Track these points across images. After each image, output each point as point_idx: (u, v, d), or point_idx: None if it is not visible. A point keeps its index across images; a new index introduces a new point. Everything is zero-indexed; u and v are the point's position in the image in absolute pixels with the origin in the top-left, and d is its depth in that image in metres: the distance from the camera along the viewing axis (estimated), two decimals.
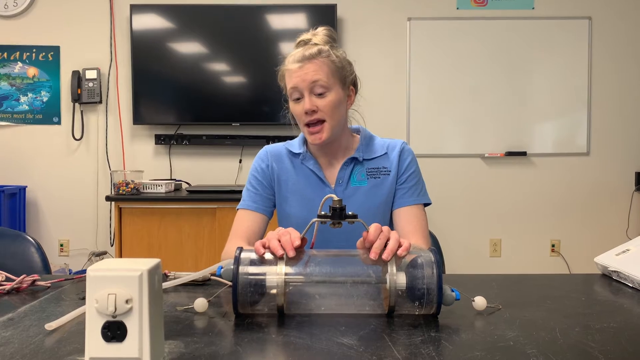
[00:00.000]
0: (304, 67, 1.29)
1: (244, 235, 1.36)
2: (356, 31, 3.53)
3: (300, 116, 1.32)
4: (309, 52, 1.29)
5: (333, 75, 1.30)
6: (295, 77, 1.29)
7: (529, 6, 3.54)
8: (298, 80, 1.29)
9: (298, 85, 1.29)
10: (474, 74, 3.54)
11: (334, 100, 1.30)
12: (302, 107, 1.30)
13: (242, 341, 0.80)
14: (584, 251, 3.55)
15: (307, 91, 1.29)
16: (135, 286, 0.63)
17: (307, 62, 1.29)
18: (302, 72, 1.28)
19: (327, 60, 1.30)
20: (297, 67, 1.29)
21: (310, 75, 1.28)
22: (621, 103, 3.57)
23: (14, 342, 0.78)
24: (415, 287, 0.89)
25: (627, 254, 1.22)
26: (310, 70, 1.28)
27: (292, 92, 1.31)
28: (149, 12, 3.42)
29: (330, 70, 1.30)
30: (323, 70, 1.29)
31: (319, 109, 1.29)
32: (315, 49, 1.30)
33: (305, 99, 1.29)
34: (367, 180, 1.38)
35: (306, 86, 1.28)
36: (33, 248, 1.54)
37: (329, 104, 1.30)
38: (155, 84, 3.45)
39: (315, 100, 1.29)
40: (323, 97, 1.29)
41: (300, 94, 1.30)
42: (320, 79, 1.28)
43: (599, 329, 0.85)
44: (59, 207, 3.57)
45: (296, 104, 1.32)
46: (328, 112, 1.30)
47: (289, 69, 1.31)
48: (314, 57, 1.29)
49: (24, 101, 3.54)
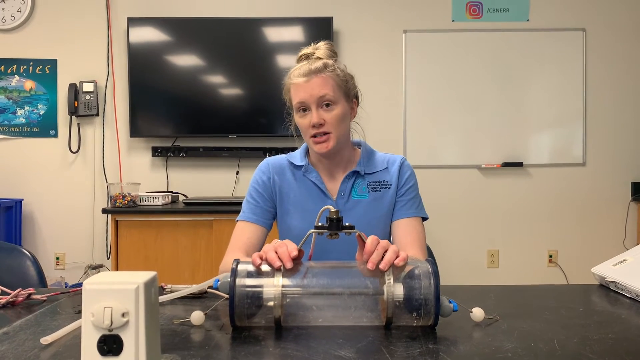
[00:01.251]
0: (310, 82, 1.30)
1: (243, 248, 1.36)
2: (352, 44, 3.56)
3: (307, 129, 1.32)
4: (315, 66, 1.31)
5: (339, 88, 1.32)
6: (302, 92, 1.30)
7: (523, 18, 3.57)
8: (305, 95, 1.30)
9: (305, 100, 1.30)
10: (470, 86, 3.56)
11: (339, 113, 1.32)
12: (309, 121, 1.31)
13: (239, 354, 0.79)
14: (581, 261, 3.55)
15: (315, 105, 1.30)
16: (131, 299, 0.63)
17: (313, 76, 1.30)
18: (309, 86, 1.29)
19: (333, 74, 1.32)
20: (303, 81, 1.30)
21: (317, 90, 1.29)
22: (616, 113, 3.60)
23: (9, 357, 0.78)
24: (412, 298, 0.89)
25: (624, 264, 1.22)
26: (317, 84, 1.29)
27: (298, 106, 1.32)
28: (146, 25, 3.43)
29: (336, 84, 1.32)
30: (329, 84, 1.30)
31: (325, 122, 1.30)
32: (320, 63, 1.32)
33: (312, 112, 1.30)
34: (368, 194, 1.39)
35: (314, 101, 1.30)
36: (29, 261, 1.53)
37: (335, 117, 1.31)
38: (152, 97, 3.45)
39: (322, 114, 1.30)
40: (330, 111, 1.31)
41: (307, 107, 1.31)
42: (327, 93, 1.30)
43: (597, 339, 0.85)
44: (55, 220, 3.56)
45: (302, 117, 1.33)
46: (334, 125, 1.31)
47: (295, 83, 1.32)
48: (320, 72, 1.30)
49: (20, 114, 3.54)
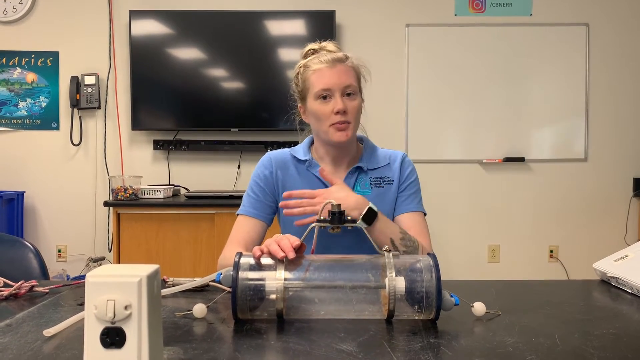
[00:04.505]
0: (335, 68, 1.30)
1: (242, 241, 1.36)
2: (354, 37, 3.54)
3: (329, 116, 1.31)
4: (338, 56, 1.32)
5: (357, 81, 1.34)
6: (327, 78, 1.30)
7: (526, 13, 3.56)
8: (331, 81, 1.30)
9: (331, 87, 1.30)
10: (472, 80, 3.55)
11: (358, 105, 1.34)
12: (332, 108, 1.30)
13: (241, 347, 0.79)
14: (582, 257, 3.55)
15: (340, 92, 1.30)
16: (134, 292, 0.63)
17: (337, 63, 1.31)
18: (335, 73, 1.30)
19: (354, 65, 1.34)
20: (327, 67, 1.31)
21: (343, 78, 1.30)
22: (619, 109, 3.58)
23: (12, 349, 0.78)
24: (414, 292, 0.89)
25: (625, 260, 1.22)
26: (342, 72, 1.31)
27: (321, 92, 1.31)
28: (148, 18, 3.42)
29: (356, 76, 1.34)
30: (352, 74, 1.33)
31: (348, 110, 1.31)
32: (341, 53, 1.34)
33: (336, 99, 1.30)
34: (371, 189, 1.39)
35: (339, 88, 1.30)
36: (31, 254, 1.53)
37: (355, 107, 1.32)
38: (154, 90, 3.45)
39: (346, 102, 1.31)
40: (352, 100, 1.32)
41: (330, 94, 1.31)
42: (352, 83, 1.31)
43: (598, 335, 0.85)
44: (57, 213, 3.56)
45: (324, 104, 1.32)
46: (354, 115, 1.33)
47: (318, 69, 1.32)
48: (343, 61, 1.32)
49: (22, 107, 3.54)
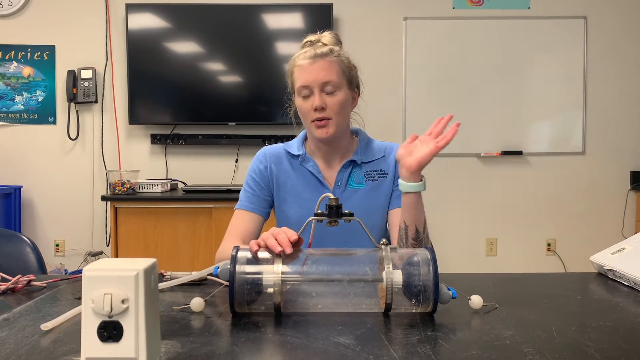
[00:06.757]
0: (315, 64, 1.29)
1: (240, 236, 1.36)
2: (352, 31, 3.53)
3: (308, 112, 1.32)
4: (321, 51, 1.31)
5: (342, 75, 1.32)
6: (306, 74, 1.30)
7: (524, 6, 3.55)
8: (309, 78, 1.29)
9: (309, 83, 1.29)
10: (470, 74, 3.54)
11: (342, 99, 1.31)
12: (311, 104, 1.30)
13: (238, 341, 0.79)
14: (580, 250, 3.56)
15: (318, 89, 1.29)
16: (131, 286, 0.63)
17: (319, 59, 1.30)
18: (314, 69, 1.29)
19: (338, 59, 1.32)
20: (308, 64, 1.30)
21: (322, 74, 1.29)
22: (616, 102, 3.58)
23: (9, 343, 0.78)
24: (411, 285, 0.89)
25: (622, 253, 1.22)
26: (322, 68, 1.29)
27: (301, 89, 1.31)
28: (145, 11, 3.40)
29: (340, 70, 1.32)
30: (334, 69, 1.30)
31: (327, 107, 1.30)
32: (326, 48, 1.32)
33: (315, 95, 1.30)
34: (365, 183, 1.39)
35: (317, 84, 1.29)
36: (28, 248, 1.53)
37: (337, 103, 1.31)
38: (151, 84, 3.43)
39: (325, 98, 1.30)
40: (332, 96, 1.31)
41: (310, 91, 1.30)
42: (331, 79, 1.29)
43: (595, 327, 0.86)
44: (55, 207, 3.56)
45: (304, 101, 1.32)
46: (336, 111, 1.31)
47: (300, 65, 1.31)
48: (326, 56, 1.30)
49: (19, 101, 3.52)
